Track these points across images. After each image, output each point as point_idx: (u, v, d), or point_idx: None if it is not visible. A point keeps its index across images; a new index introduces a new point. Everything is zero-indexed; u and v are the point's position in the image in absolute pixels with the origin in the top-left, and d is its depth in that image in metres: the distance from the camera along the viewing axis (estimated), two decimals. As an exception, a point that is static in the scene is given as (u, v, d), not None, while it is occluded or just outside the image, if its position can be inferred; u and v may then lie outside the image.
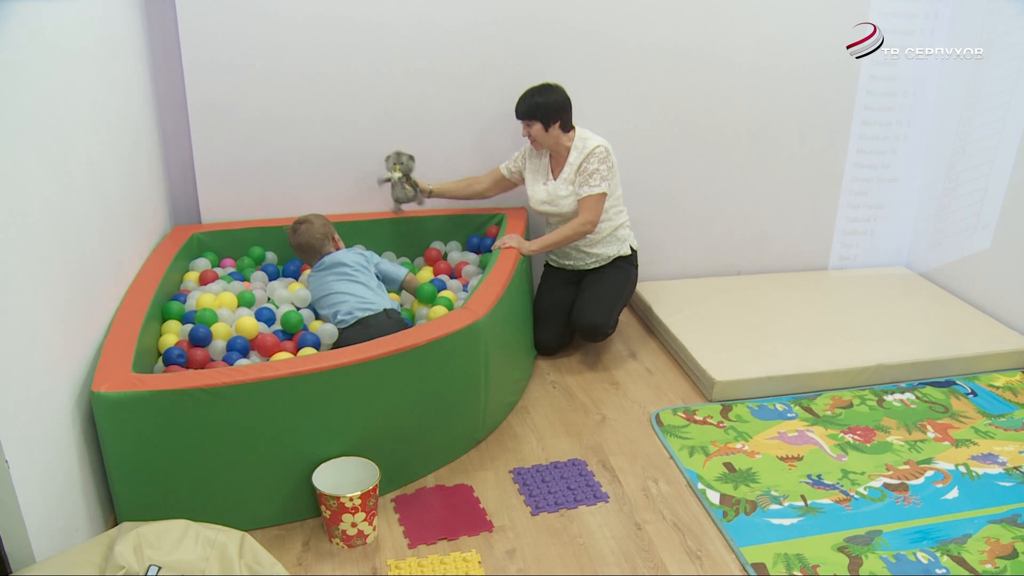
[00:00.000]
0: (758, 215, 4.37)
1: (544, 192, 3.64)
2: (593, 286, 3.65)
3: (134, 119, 3.19)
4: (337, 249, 3.38)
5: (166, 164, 3.65)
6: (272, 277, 3.62)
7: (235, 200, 3.75)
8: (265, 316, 3.21)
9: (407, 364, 2.67)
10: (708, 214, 4.31)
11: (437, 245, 3.91)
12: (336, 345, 3.06)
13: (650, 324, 4.02)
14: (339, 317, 3.12)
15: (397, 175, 3.68)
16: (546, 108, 3.47)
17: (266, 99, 3.60)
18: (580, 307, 3.60)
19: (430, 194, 3.78)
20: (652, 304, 3.99)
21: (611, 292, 3.63)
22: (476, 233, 3.96)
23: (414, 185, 3.71)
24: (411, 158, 3.68)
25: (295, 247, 3.39)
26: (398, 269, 3.41)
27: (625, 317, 4.10)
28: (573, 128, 3.59)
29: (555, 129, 3.51)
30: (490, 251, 3.68)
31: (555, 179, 3.61)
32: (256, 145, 3.67)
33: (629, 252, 3.73)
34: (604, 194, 3.51)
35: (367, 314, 3.08)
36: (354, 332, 3.03)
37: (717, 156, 4.19)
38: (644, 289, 4.15)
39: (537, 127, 3.51)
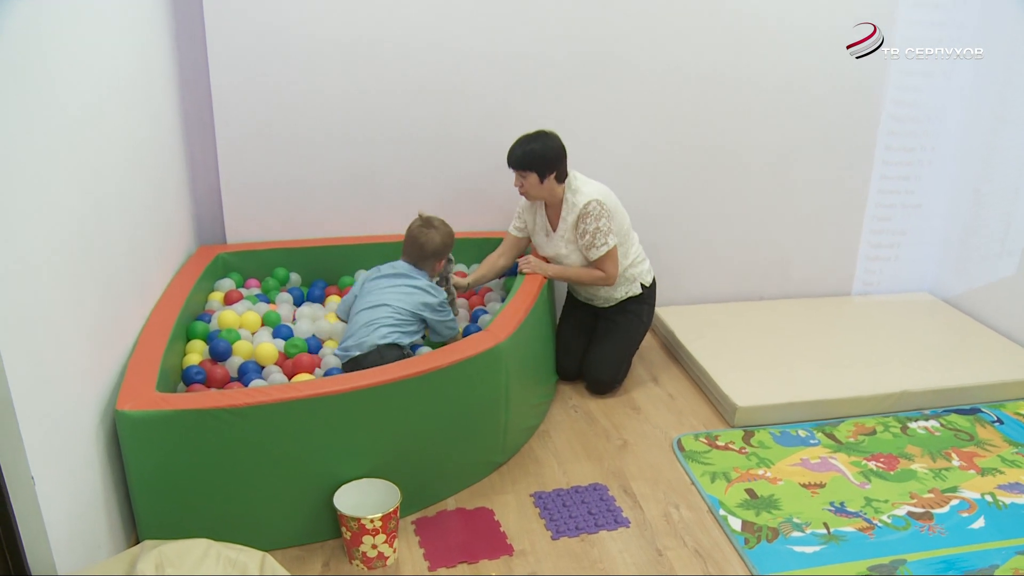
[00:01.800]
0: (781, 240, 4.35)
1: (549, 247, 3.56)
2: (604, 339, 3.61)
3: (162, 140, 3.23)
4: (434, 270, 3.26)
5: (192, 185, 3.68)
6: (297, 299, 3.63)
7: (261, 221, 3.77)
8: (284, 334, 3.24)
9: (428, 387, 2.68)
10: (730, 239, 4.30)
11: (461, 268, 3.89)
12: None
13: (672, 349, 4.01)
14: (337, 352, 3.08)
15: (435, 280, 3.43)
16: (543, 157, 3.31)
17: (293, 121, 3.63)
18: (590, 362, 3.59)
19: (467, 288, 3.64)
20: (674, 329, 3.98)
21: (620, 346, 3.61)
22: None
23: (451, 291, 3.47)
24: (449, 260, 3.40)
25: (406, 236, 3.25)
26: (449, 332, 3.22)
27: (647, 342, 4.09)
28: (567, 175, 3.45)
29: (550, 181, 3.36)
30: (514, 275, 3.67)
31: (555, 231, 3.51)
32: (282, 167, 3.69)
33: (639, 291, 3.64)
34: (615, 247, 3.44)
35: (359, 352, 2.97)
36: (348, 369, 2.97)
37: (739, 181, 4.18)
38: (666, 314, 4.14)
39: (532, 178, 3.34)
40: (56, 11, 2.17)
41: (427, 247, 3.19)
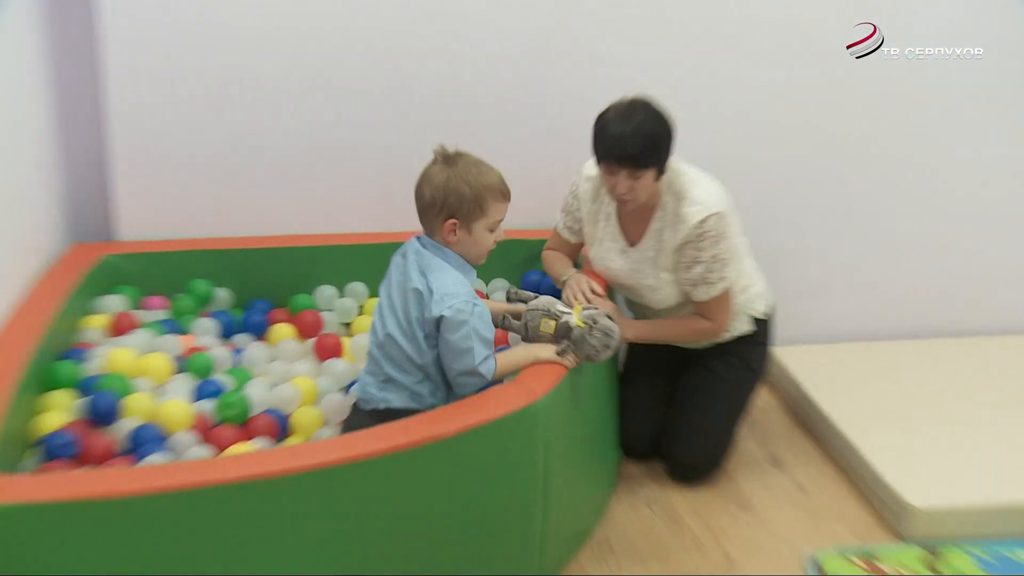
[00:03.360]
0: (941, 259, 4.46)
1: (623, 269, 3.40)
2: (695, 398, 3.54)
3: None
4: (447, 243, 2.93)
5: (64, 153, 3.68)
6: (226, 328, 3.55)
7: (170, 209, 3.78)
8: (211, 390, 3.12)
9: (426, 466, 2.55)
10: (878, 260, 4.41)
11: (477, 285, 3.74)
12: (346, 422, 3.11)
13: (799, 411, 3.92)
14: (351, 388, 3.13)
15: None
16: (663, 144, 3.13)
17: (221, 63, 3.65)
18: (673, 434, 3.53)
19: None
20: (803, 381, 3.88)
21: (720, 409, 3.53)
22: (536, 268, 3.81)
23: (509, 324, 3.27)
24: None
25: None
26: (460, 382, 2.92)
27: (762, 401, 3.95)
28: None
29: (661, 177, 3.24)
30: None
31: (632, 247, 3.41)
32: (206, 131, 3.71)
33: (752, 328, 3.57)
34: (731, 284, 3.37)
35: (367, 408, 2.95)
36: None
37: (885, 181, 4.32)
38: (791, 358, 4.08)
39: (648, 177, 3.13)
40: None
41: (421, 199, 2.91)
